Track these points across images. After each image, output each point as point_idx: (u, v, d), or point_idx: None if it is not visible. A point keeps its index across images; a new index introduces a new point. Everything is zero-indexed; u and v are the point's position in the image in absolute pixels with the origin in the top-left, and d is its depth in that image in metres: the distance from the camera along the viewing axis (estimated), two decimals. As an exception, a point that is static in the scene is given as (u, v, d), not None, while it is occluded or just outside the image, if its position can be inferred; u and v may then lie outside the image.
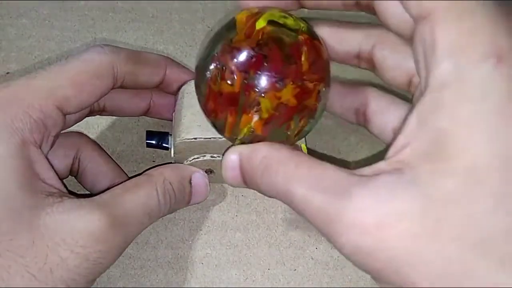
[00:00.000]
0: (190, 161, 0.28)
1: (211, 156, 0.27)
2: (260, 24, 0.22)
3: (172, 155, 0.28)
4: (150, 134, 0.30)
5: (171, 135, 0.28)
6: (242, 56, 0.21)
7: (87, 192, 0.28)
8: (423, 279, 0.16)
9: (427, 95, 0.16)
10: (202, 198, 0.28)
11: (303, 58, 0.22)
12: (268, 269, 0.29)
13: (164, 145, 0.30)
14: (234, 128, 0.23)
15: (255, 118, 0.22)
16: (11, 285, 0.20)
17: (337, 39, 0.24)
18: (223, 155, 0.23)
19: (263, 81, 0.21)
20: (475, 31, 0.16)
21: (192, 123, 0.26)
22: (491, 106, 0.15)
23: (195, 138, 0.26)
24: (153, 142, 0.30)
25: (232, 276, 0.29)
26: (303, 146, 0.28)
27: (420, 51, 0.17)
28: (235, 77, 0.22)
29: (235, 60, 0.22)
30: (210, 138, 0.26)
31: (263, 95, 0.22)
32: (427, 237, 0.16)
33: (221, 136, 0.24)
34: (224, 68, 0.22)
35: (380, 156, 0.18)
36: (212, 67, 0.22)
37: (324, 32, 0.24)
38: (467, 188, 0.15)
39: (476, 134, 0.15)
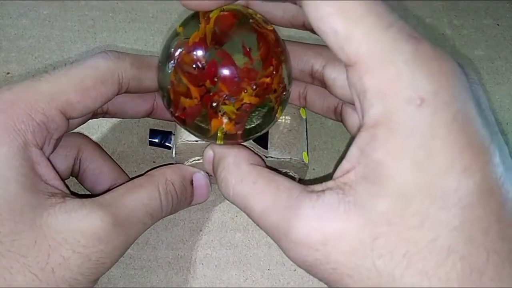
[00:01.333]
0: (191, 162, 0.28)
1: (212, 158, 0.28)
2: (214, 13, 0.22)
3: (174, 155, 0.28)
4: (153, 133, 0.30)
5: (174, 134, 0.28)
6: (197, 67, 0.22)
7: (88, 193, 0.29)
8: None
9: (364, 131, 0.19)
10: (203, 198, 0.28)
11: (256, 55, 0.22)
12: (268, 269, 0.29)
13: (166, 144, 0.30)
14: (208, 133, 0.24)
15: (225, 120, 0.23)
16: (13, 285, 0.20)
17: (293, 58, 0.25)
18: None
19: (221, 92, 0.22)
20: (397, 77, 0.18)
21: None
22: (415, 141, 0.18)
23: (196, 141, 0.26)
24: (156, 140, 0.30)
25: (232, 277, 0.29)
26: (305, 154, 0.28)
27: (354, 92, 0.19)
28: (193, 94, 0.22)
29: (190, 71, 0.22)
30: (211, 142, 0.26)
31: (225, 102, 0.22)
32: (363, 252, 0.18)
33: None
34: (180, 82, 0.22)
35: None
36: (169, 74, 0.23)
37: None
38: (397, 208, 0.18)
39: (403, 164, 0.18)
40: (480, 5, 0.41)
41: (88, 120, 0.27)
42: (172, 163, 0.28)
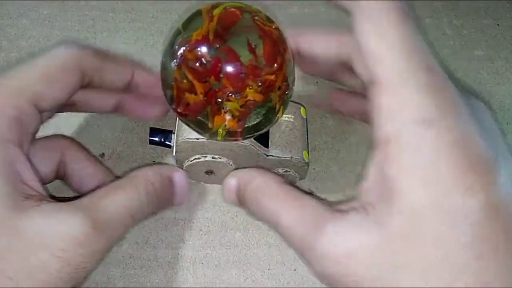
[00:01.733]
0: (191, 161, 0.28)
1: (212, 157, 0.27)
2: (218, 10, 0.23)
3: (174, 153, 0.28)
4: (153, 131, 0.30)
5: (174, 133, 0.28)
6: (201, 63, 0.22)
7: (73, 195, 0.28)
8: None
9: (378, 149, 0.21)
10: (184, 197, 0.28)
11: (261, 52, 0.22)
12: (268, 269, 0.29)
13: (166, 142, 0.30)
14: (209, 130, 0.23)
15: (228, 117, 0.23)
16: None
17: (319, 45, 0.26)
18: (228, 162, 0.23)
19: (225, 89, 0.22)
20: (408, 100, 0.20)
21: None
22: (423, 160, 0.19)
23: (197, 139, 0.26)
24: (156, 139, 0.30)
25: (232, 276, 0.29)
26: (305, 153, 0.28)
27: (371, 106, 0.21)
28: (198, 90, 0.22)
29: (194, 67, 0.22)
30: (211, 139, 0.26)
31: (229, 99, 0.22)
32: (383, 266, 0.19)
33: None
34: (184, 78, 0.22)
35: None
36: (173, 71, 0.23)
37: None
38: (411, 224, 0.19)
39: (414, 182, 0.19)
40: (480, 5, 0.41)
41: (56, 113, 0.27)
42: (160, 163, 0.27)
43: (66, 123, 0.32)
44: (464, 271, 0.19)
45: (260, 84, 0.22)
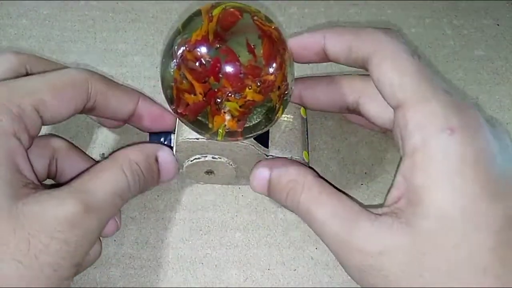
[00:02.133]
0: (191, 161, 0.28)
1: (213, 157, 0.27)
2: (217, 11, 0.23)
3: (174, 154, 0.28)
4: (153, 133, 0.30)
5: (174, 133, 0.28)
6: (201, 64, 0.22)
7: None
8: None
9: (405, 160, 0.22)
10: (170, 175, 0.28)
11: (260, 52, 0.22)
12: (268, 269, 0.29)
13: (166, 143, 0.30)
14: (209, 130, 0.24)
15: (227, 117, 0.23)
16: None
17: (327, 92, 0.29)
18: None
19: (225, 89, 0.22)
20: (433, 113, 0.22)
21: None
22: (450, 167, 0.21)
23: (197, 138, 0.26)
24: (156, 139, 0.30)
25: (232, 276, 0.29)
26: (305, 153, 0.28)
27: (397, 130, 0.23)
28: (197, 90, 0.22)
29: (194, 67, 0.22)
30: (211, 139, 0.26)
31: (228, 99, 0.22)
32: (413, 264, 0.21)
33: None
34: (184, 79, 0.22)
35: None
36: (172, 71, 0.23)
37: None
38: (439, 227, 0.21)
39: (441, 188, 0.21)
40: (480, 5, 0.41)
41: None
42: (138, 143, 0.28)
43: (66, 122, 0.32)
44: (487, 273, 0.20)
45: (259, 84, 0.22)
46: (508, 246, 0.20)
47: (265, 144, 0.27)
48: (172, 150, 0.28)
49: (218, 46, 0.22)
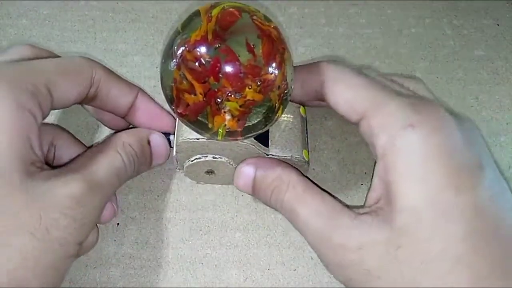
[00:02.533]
0: (192, 161, 0.28)
1: (213, 157, 0.27)
2: (216, 11, 0.23)
3: (174, 154, 0.28)
4: None
5: (174, 134, 0.28)
6: (201, 64, 0.22)
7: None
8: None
9: (379, 162, 0.24)
10: (162, 158, 0.29)
11: (259, 51, 0.22)
12: (268, 269, 0.29)
13: None
14: (209, 130, 0.24)
15: (227, 117, 0.23)
16: (12, 244, 0.21)
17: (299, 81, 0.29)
18: (234, 161, 0.23)
19: (225, 89, 0.22)
20: (392, 114, 0.23)
21: None
22: (416, 160, 0.22)
23: (197, 139, 0.26)
24: None
25: (232, 276, 0.29)
26: (305, 152, 0.28)
27: (367, 139, 0.25)
28: (197, 90, 0.22)
29: (194, 67, 0.22)
30: (212, 139, 0.26)
31: (228, 99, 0.22)
32: (390, 258, 0.22)
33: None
34: (184, 79, 0.22)
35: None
36: (172, 71, 0.23)
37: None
38: (411, 221, 0.22)
39: (408, 181, 0.22)
40: (480, 5, 0.41)
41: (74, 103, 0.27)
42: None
43: (66, 122, 0.33)
44: (460, 262, 0.21)
45: (259, 83, 0.22)
46: (478, 235, 0.21)
47: (265, 144, 0.27)
48: (172, 151, 0.28)
49: (217, 46, 0.22)
